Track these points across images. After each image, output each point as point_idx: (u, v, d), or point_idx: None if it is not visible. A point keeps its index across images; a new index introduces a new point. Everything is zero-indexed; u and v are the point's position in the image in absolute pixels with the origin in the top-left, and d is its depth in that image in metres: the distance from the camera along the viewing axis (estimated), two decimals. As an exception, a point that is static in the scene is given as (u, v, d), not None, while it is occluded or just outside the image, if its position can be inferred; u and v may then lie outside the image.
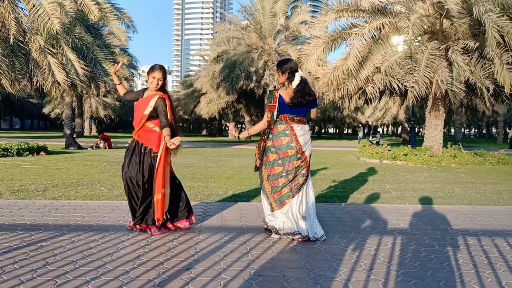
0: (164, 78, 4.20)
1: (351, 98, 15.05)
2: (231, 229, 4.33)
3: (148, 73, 4.21)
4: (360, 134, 33.77)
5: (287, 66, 4.13)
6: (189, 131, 76.87)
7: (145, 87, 4.41)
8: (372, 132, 34.92)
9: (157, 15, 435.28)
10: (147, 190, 4.09)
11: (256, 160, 4.20)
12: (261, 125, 4.21)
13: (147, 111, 4.13)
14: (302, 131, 4.10)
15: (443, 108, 14.56)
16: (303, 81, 4.13)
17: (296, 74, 4.13)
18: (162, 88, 4.26)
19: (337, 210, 5.42)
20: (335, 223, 4.66)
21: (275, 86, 4.27)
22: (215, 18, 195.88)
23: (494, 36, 11.11)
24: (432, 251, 3.69)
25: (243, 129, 50.51)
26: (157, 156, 4.07)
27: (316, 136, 60.09)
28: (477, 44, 12.67)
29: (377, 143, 25.20)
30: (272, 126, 4.10)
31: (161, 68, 4.21)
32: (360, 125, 37.74)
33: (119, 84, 4.54)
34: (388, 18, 13.45)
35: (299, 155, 4.04)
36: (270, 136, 4.10)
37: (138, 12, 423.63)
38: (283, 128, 4.07)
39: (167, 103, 4.16)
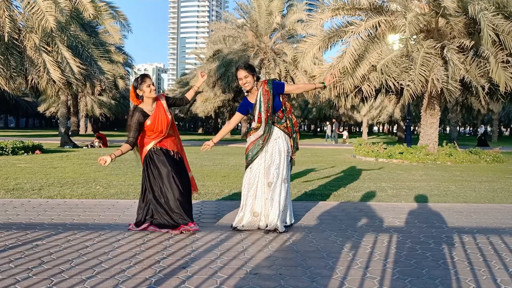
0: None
1: (347, 96, 15.05)
2: (227, 227, 4.33)
3: (141, 84, 4.06)
4: (328, 131, 33.78)
5: (256, 69, 4.40)
6: (185, 130, 76.75)
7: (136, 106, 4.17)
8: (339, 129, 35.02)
9: (152, 13, 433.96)
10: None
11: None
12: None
13: (170, 115, 4.24)
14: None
15: (439, 106, 14.61)
16: None
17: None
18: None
19: (333, 208, 5.43)
20: (331, 221, 4.67)
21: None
22: (211, 16, 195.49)
23: (490, 35, 11.14)
24: (428, 249, 3.71)
25: (238, 128, 50.38)
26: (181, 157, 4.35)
27: (312, 134, 60.15)
28: (473, 42, 12.70)
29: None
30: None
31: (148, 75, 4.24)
32: (327, 123, 37.53)
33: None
34: (384, 17, 13.46)
35: None
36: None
37: (134, 10, 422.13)
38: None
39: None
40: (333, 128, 32.09)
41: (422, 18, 12.65)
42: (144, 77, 4.11)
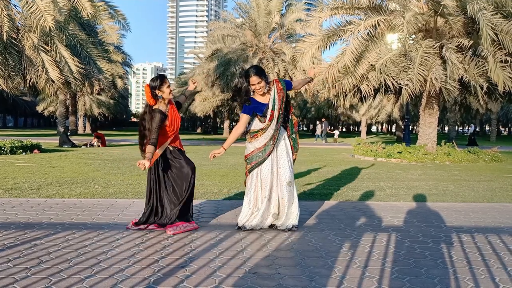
0: None
1: (346, 96, 15.04)
2: (226, 227, 4.33)
3: (161, 85, 4.07)
4: (318, 131, 33.79)
5: (265, 72, 4.35)
6: (183, 129, 76.74)
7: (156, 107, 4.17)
8: (329, 128, 35.11)
9: (151, 12, 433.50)
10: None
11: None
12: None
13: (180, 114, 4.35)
14: None
15: (437, 106, 14.61)
16: None
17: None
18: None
19: (332, 208, 5.43)
20: (330, 221, 4.67)
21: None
22: (210, 16, 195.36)
23: (489, 34, 11.15)
24: (426, 248, 3.71)
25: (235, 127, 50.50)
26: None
27: (311, 134, 60.16)
28: (471, 42, 12.71)
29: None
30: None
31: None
32: (318, 122, 37.47)
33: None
34: (383, 16, 13.46)
35: None
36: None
37: (133, 10, 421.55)
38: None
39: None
40: (323, 128, 32.09)
41: (421, 18, 12.66)
42: (163, 78, 4.18)
